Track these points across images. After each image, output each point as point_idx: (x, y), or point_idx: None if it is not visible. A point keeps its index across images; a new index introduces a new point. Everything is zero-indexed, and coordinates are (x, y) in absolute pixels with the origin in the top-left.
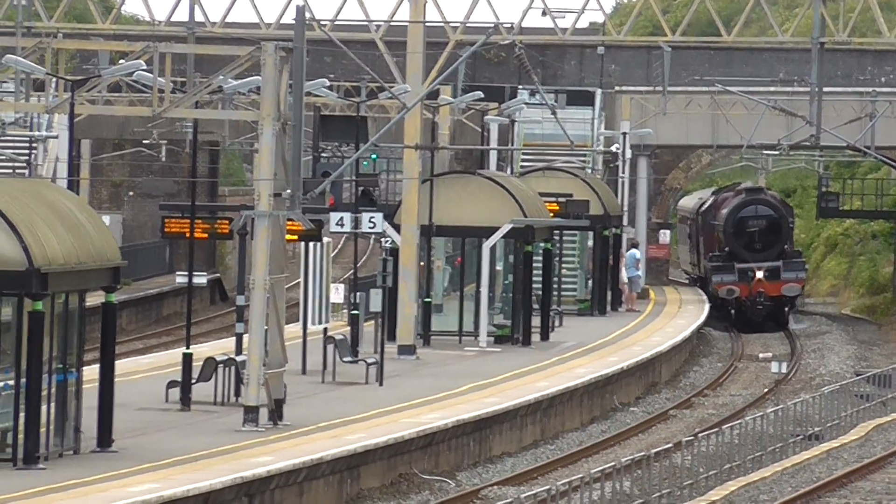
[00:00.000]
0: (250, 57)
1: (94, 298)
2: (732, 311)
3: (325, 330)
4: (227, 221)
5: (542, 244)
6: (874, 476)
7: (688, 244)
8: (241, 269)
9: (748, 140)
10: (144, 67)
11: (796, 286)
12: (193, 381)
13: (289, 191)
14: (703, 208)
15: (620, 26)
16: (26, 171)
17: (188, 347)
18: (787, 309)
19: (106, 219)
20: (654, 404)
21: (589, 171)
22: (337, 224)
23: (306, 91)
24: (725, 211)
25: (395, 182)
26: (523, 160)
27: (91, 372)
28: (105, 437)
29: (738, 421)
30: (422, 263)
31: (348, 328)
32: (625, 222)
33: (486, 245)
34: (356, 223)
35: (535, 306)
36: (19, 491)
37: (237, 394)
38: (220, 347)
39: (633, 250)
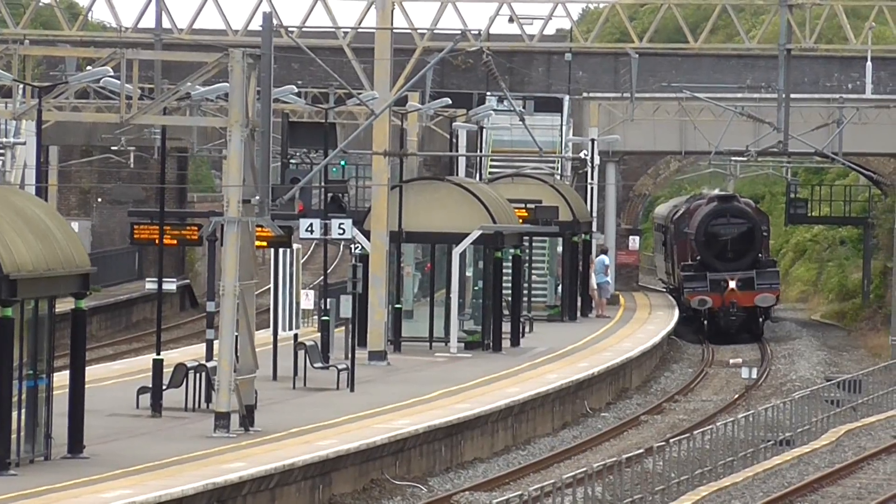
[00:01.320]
0: (218, 63)
1: (64, 305)
2: (705, 322)
3: (296, 336)
4: (196, 228)
5: (511, 250)
6: (845, 481)
7: (663, 253)
8: (210, 275)
9: (716, 146)
10: (112, 74)
11: (770, 296)
12: (164, 387)
13: (258, 197)
14: (675, 216)
15: (588, 33)
16: None
17: (158, 353)
18: (761, 319)
19: (75, 225)
20: (626, 410)
21: (558, 177)
22: (306, 230)
23: (274, 97)
24: (697, 219)
25: (365, 188)
26: (492, 166)
27: (61, 378)
28: (76, 444)
29: (710, 426)
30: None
31: (319, 334)
32: (594, 228)
33: (456, 251)
34: (326, 229)
35: (506, 312)
36: None
37: (208, 400)
38: (191, 353)
39: (602, 256)
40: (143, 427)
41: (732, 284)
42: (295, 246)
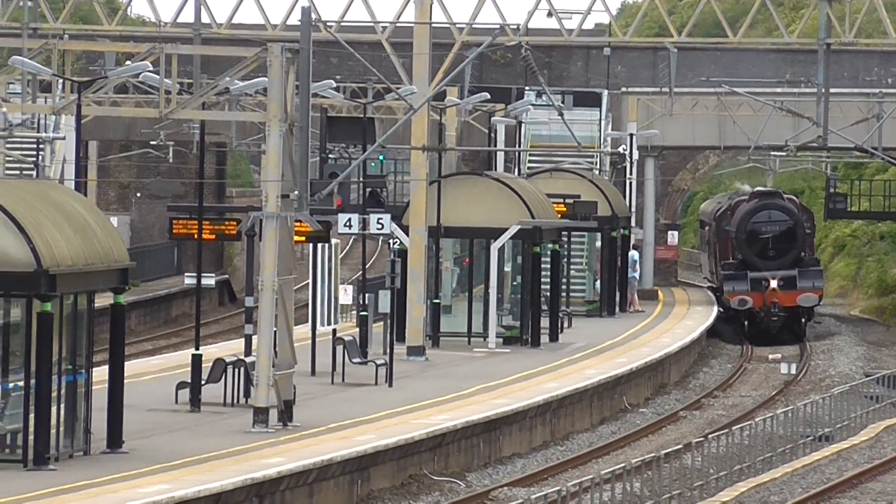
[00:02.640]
0: (256, 58)
1: (103, 300)
2: (746, 323)
3: (334, 331)
4: (234, 223)
5: (550, 245)
6: (885, 477)
7: (706, 251)
8: (249, 270)
9: (755, 141)
10: (151, 69)
11: (813, 296)
12: (203, 382)
13: (296, 192)
14: (718, 213)
15: (626, 27)
16: (33, 173)
17: (197, 348)
18: (803, 320)
19: (114, 220)
20: (664, 405)
21: (596, 172)
22: (345, 225)
23: (313, 92)
24: (738, 216)
25: (403, 183)
26: (530, 161)
27: (100, 373)
28: (115, 438)
29: (748, 422)
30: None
31: (357, 329)
32: (633, 223)
33: (495, 246)
34: (364, 224)
35: (544, 307)
36: (30, 492)
37: (247, 395)
38: (230, 349)
39: (632, 252)
40: (181, 422)
41: (774, 284)
42: (333, 241)
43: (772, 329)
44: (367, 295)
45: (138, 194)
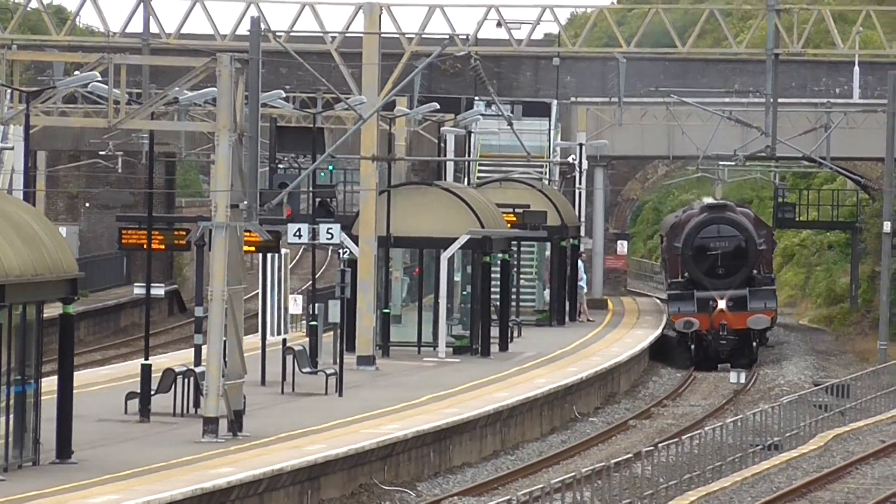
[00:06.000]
0: (206, 68)
1: (52, 310)
2: (692, 346)
3: (284, 341)
4: (184, 232)
5: (499, 255)
6: (834, 486)
7: (663, 268)
8: (199, 280)
9: (704, 151)
10: (100, 79)
11: (764, 318)
12: (153, 392)
13: (246, 202)
14: (669, 228)
15: (576, 38)
16: None
17: (147, 358)
18: (754, 344)
19: (63, 230)
20: (614, 414)
21: (546, 182)
22: (294, 235)
23: (262, 102)
24: (685, 231)
25: (353, 193)
26: (480, 171)
27: (50, 383)
28: (64, 449)
29: (698, 431)
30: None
31: (307, 339)
32: (582, 233)
33: (444, 256)
34: (314, 234)
35: (494, 317)
36: None
37: (196, 405)
38: (179, 358)
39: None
40: (131, 432)
41: (722, 304)
42: (283, 251)
43: (721, 353)
44: (316, 305)
45: (87, 204)
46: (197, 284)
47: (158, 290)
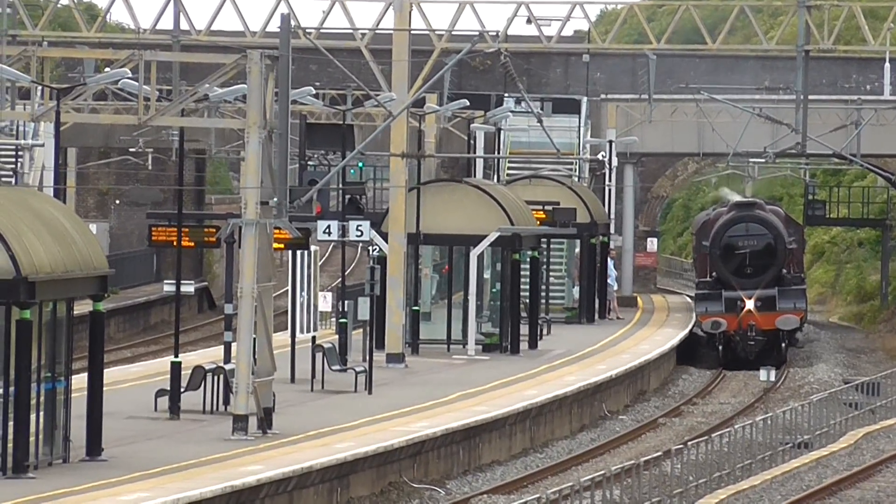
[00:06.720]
0: (236, 65)
1: (82, 307)
2: (720, 347)
3: (314, 338)
4: (214, 230)
5: (529, 252)
6: (864, 484)
7: (694, 268)
8: (228, 277)
9: (734, 148)
10: (130, 75)
11: (794, 318)
12: (182, 389)
13: (276, 199)
14: (699, 226)
15: (605, 34)
16: (12, 180)
17: (177, 356)
18: (783, 345)
19: (93, 227)
20: (644, 413)
21: (575, 179)
22: (324, 232)
23: (292, 99)
24: (713, 230)
25: (382, 190)
26: (510, 168)
27: (80, 381)
28: (94, 446)
29: (728, 429)
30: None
31: (336, 336)
32: (612, 230)
33: (474, 253)
34: (343, 231)
35: (523, 314)
36: (8, 500)
37: (226, 402)
38: (209, 356)
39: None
40: (160, 430)
41: (750, 304)
42: (313, 248)
43: (749, 354)
44: (346, 302)
45: (117, 201)
46: (226, 281)
47: (188, 288)
